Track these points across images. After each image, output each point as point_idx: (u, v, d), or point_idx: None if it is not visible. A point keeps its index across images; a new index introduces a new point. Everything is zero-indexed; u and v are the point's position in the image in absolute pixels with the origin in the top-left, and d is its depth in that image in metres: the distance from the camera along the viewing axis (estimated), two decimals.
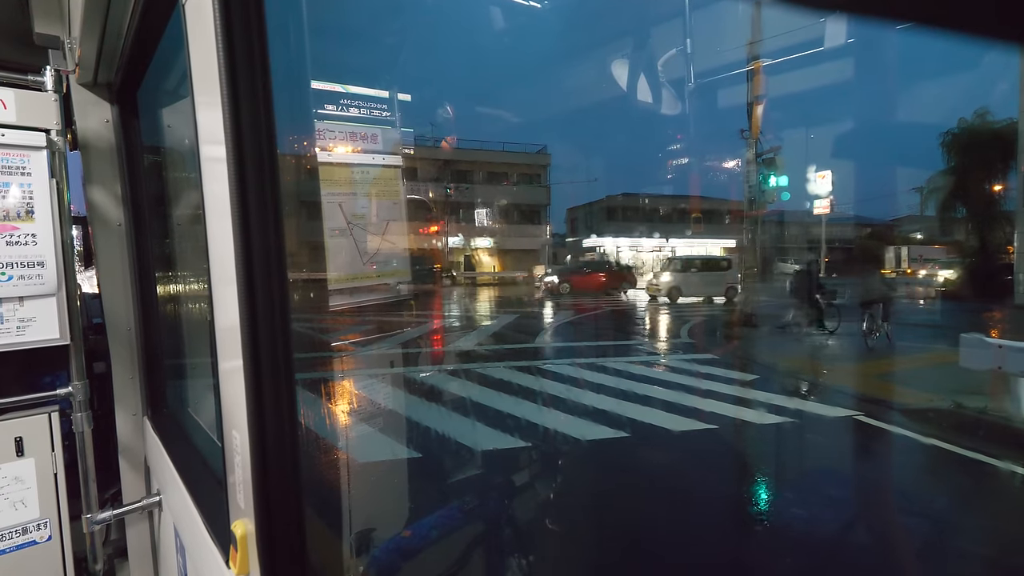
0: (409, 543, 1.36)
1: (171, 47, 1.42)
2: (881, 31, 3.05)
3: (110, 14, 1.36)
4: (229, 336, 0.74)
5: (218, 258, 0.76)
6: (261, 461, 0.72)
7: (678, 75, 14.51)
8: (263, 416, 0.71)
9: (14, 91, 1.59)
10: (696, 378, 6.95)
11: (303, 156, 1.48)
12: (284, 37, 1.21)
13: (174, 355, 1.98)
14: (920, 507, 3.57)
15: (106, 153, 1.83)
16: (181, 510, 1.31)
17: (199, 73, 0.77)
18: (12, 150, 1.55)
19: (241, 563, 0.77)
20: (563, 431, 4.86)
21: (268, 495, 0.73)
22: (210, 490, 1.20)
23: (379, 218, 1.61)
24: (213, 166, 0.74)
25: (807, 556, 2.94)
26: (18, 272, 1.53)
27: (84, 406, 1.70)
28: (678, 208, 37.72)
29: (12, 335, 1.54)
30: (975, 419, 4.92)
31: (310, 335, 7.37)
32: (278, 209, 0.71)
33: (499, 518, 1.54)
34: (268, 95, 0.70)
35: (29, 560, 1.66)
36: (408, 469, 3.72)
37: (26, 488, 1.67)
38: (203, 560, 1.08)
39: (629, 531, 3.11)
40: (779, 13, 12.07)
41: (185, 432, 1.70)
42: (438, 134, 29.53)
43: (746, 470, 4.27)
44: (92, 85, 1.78)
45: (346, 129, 1.56)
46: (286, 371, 0.73)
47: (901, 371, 7.33)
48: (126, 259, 1.87)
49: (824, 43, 10.91)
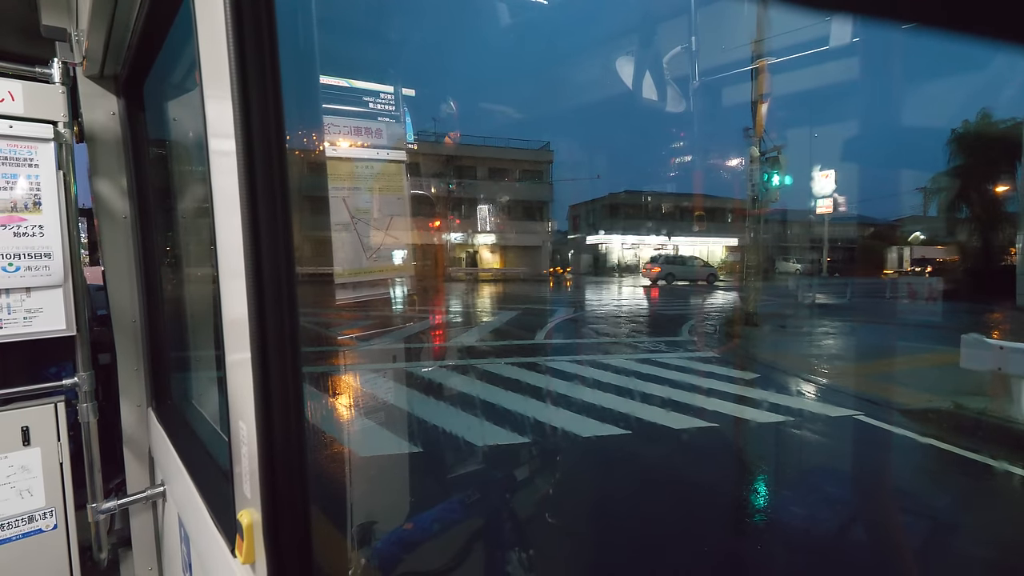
0: (411, 535, 1.37)
1: (178, 40, 1.42)
2: (886, 31, 3.01)
3: (118, 6, 1.36)
4: (237, 329, 0.75)
5: (226, 251, 0.77)
6: (268, 452, 0.73)
7: (683, 73, 14.48)
8: (270, 408, 0.72)
9: (22, 83, 1.59)
10: None
11: (310, 150, 1.48)
12: (292, 31, 1.21)
13: (178, 347, 1.99)
14: (912, 505, 3.58)
15: (112, 145, 1.84)
16: (185, 500, 1.32)
17: (208, 66, 0.77)
18: (20, 142, 1.56)
19: (247, 552, 0.78)
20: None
21: (274, 485, 0.73)
22: (215, 480, 1.21)
23: (382, 213, 1.62)
24: (222, 159, 0.74)
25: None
26: (25, 263, 1.54)
27: (89, 397, 1.71)
28: (681, 206, 37.67)
29: (19, 325, 1.56)
30: (974, 420, 4.93)
31: (316, 331, 7.39)
32: (287, 203, 0.72)
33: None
34: (278, 88, 0.70)
35: (35, 548, 1.68)
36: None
37: (32, 477, 1.69)
38: (208, 549, 1.10)
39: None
40: (784, 12, 12.00)
41: (189, 423, 1.71)
42: (442, 129, 29.53)
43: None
44: (99, 77, 1.79)
45: (350, 123, 1.56)
46: (293, 364, 0.73)
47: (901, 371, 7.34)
48: (131, 251, 1.88)
49: (829, 42, 10.86)
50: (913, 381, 6.53)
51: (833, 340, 10.36)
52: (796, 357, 8.28)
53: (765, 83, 11.53)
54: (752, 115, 11.87)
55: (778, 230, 30.58)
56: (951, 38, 0.40)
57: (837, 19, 9.42)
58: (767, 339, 10.14)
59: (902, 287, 18.42)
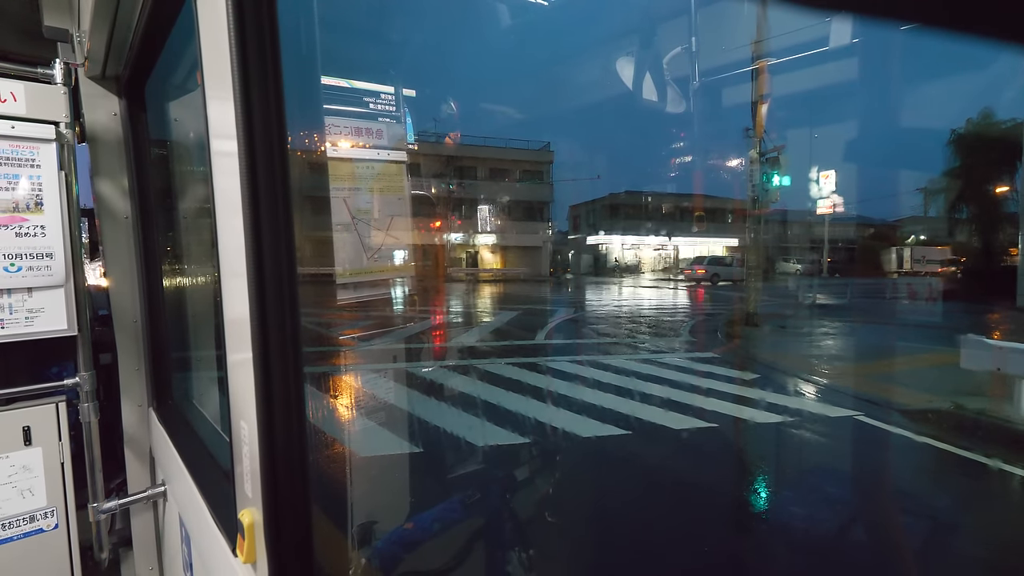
0: (411, 535, 1.38)
1: (180, 40, 1.43)
2: (886, 31, 3.04)
3: (120, 7, 1.36)
4: (238, 329, 0.75)
5: (228, 251, 0.77)
6: (269, 451, 0.73)
7: (683, 73, 14.48)
8: (271, 408, 0.72)
9: (24, 84, 1.60)
10: None
11: (312, 151, 1.49)
12: (294, 31, 1.21)
13: (179, 347, 1.99)
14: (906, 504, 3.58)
15: (114, 146, 1.84)
16: (187, 500, 1.32)
17: (210, 67, 0.77)
18: (21, 142, 1.56)
19: (248, 551, 0.79)
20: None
21: (276, 485, 0.74)
22: (216, 480, 1.21)
23: (383, 213, 1.62)
24: (224, 160, 0.74)
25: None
26: (27, 263, 1.54)
27: (91, 396, 1.72)
28: (681, 206, 37.67)
29: (20, 326, 1.56)
30: (974, 420, 4.93)
31: (317, 331, 7.38)
32: (288, 204, 0.72)
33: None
34: (279, 89, 0.70)
35: (36, 548, 1.69)
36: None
37: (34, 477, 1.69)
38: (209, 549, 1.10)
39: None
40: (784, 12, 12.02)
41: (190, 423, 1.71)
42: (442, 130, 29.52)
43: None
44: (100, 78, 1.79)
45: (351, 124, 1.56)
46: (294, 364, 0.73)
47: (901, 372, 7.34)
48: (133, 252, 1.88)
49: (829, 43, 10.85)
50: (913, 381, 6.53)
51: (833, 340, 10.36)
52: (796, 357, 8.28)
53: (765, 83, 11.53)
54: (752, 115, 11.87)
55: (778, 230, 30.66)
56: (951, 38, 0.40)
57: (837, 19, 9.42)
58: (767, 339, 10.15)
59: (902, 287, 18.42)
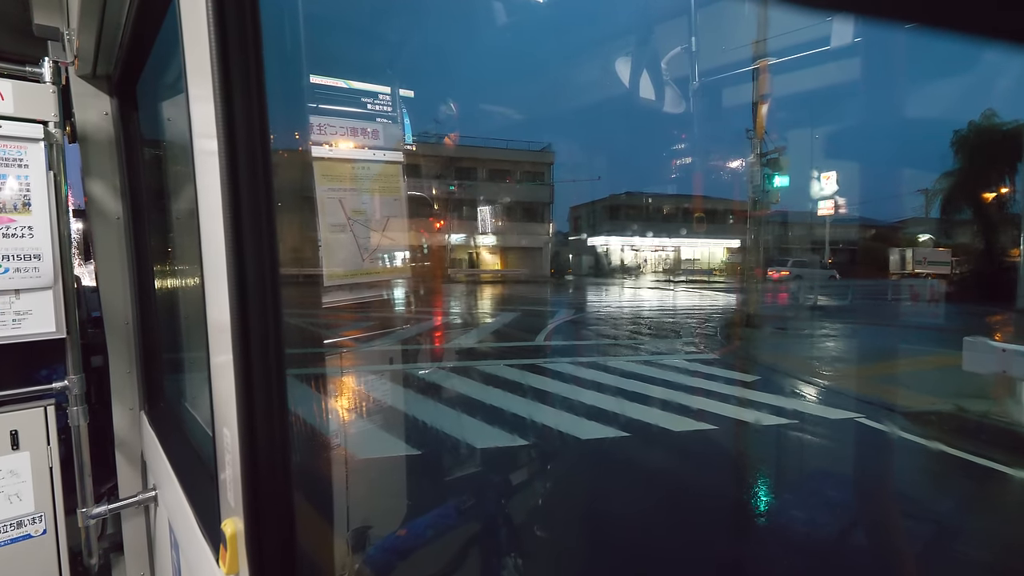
0: (404, 542, 1.35)
1: (169, 40, 1.40)
2: (888, 31, 3.03)
3: (108, 5, 1.34)
4: (220, 332, 0.73)
5: (210, 252, 0.75)
6: (251, 459, 0.71)
7: (683, 73, 14.44)
8: (253, 414, 0.70)
9: (12, 82, 1.57)
10: None
11: (304, 151, 1.47)
12: (282, 32, 1.19)
13: (172, 349, 1.97)
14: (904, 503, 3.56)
15: (105, 146, 1.82)
16: (175, 506, 1.30)
17: (193, 66, 0.76)
18: (9, 142, 1.54)
19: (231, 562, 0.76)
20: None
21: (258, 494, 0.72)
22: (203, 487, 1.19)
23: (380, 214, 1.60)
24: (206, 160, 0.73)
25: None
26: (14, 265, 1.52)
27: (80, 400, 1.69)
28: (682, 207, 37.68)
29: (8, 328, 1.54)
30: (976, 423, 4.90)
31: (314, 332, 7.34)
32: (271, 204, 0.70)
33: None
34: (261, 89, 0.68)
35: (24, 554, 1.66)
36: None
37: (21, 482, 1.66)
38: (195, 557, 1.08)
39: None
40: (785, 12, 11.99)
41: (182, 427, 1.69)
42: (441, 131, 29.50)
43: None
44: (91, 77, 1.77)
45: (348, 124, 1.54)
46: (277, 368, 0.71)
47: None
48: (124, 253, 1.86)
49: (830, 42, 10.84)
50: (915, 383, 6.50)
51: (834, 342, 10.33)
52: (796, 358, 8.25)
53: (766, 84, 11.51)
54: (753, 116, 11.86)
55: (779, 231, 30.67)
56: (953, 38, 0.39)
57: (838, 19, 9.41)
58: (767, 341, 10.13)
59: (904, 289, 18.39)
